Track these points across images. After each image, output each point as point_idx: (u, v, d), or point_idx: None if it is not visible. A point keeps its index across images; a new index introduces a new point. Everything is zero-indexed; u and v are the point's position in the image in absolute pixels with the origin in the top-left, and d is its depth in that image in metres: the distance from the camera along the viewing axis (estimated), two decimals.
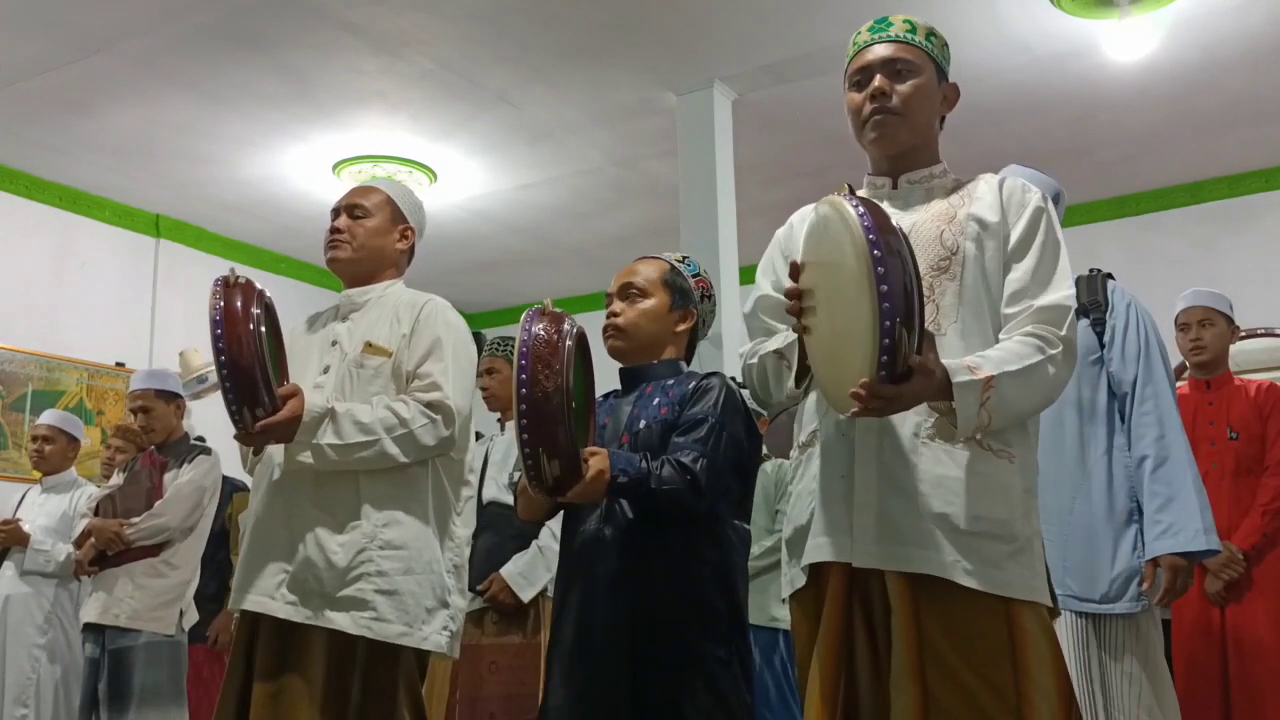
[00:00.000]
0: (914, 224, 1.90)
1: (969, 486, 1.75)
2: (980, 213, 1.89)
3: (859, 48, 1.99)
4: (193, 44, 4.86)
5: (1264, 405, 3.62)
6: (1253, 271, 6.01)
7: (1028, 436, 1.87)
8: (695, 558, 2.12)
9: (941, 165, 2.00)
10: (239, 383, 2.18)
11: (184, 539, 4.13)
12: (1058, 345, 1.78)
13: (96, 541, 4.04)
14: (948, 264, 1.86)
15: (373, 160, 5.96)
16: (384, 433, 2.34)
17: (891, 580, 1.75)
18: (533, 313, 1.98)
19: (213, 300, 2.20)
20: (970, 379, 1.68)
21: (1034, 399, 1.79)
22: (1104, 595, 2.58)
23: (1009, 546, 1.75)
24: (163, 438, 4.28)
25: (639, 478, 2.01)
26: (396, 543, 2.38)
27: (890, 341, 1.54)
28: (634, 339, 2.29)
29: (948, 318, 1.84)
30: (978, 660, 1.69)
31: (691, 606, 2.09)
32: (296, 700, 2.28)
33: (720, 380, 2.23)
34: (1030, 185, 1.95)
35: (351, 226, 2.59)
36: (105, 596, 4.01)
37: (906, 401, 1.63)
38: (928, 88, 1.95)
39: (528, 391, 1.88)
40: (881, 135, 1.95)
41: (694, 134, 5.34)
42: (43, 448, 4.84)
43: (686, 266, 2.39)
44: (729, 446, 2.14)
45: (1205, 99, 5.44)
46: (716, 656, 2.08)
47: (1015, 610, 1.72)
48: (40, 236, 6.30)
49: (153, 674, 3.97)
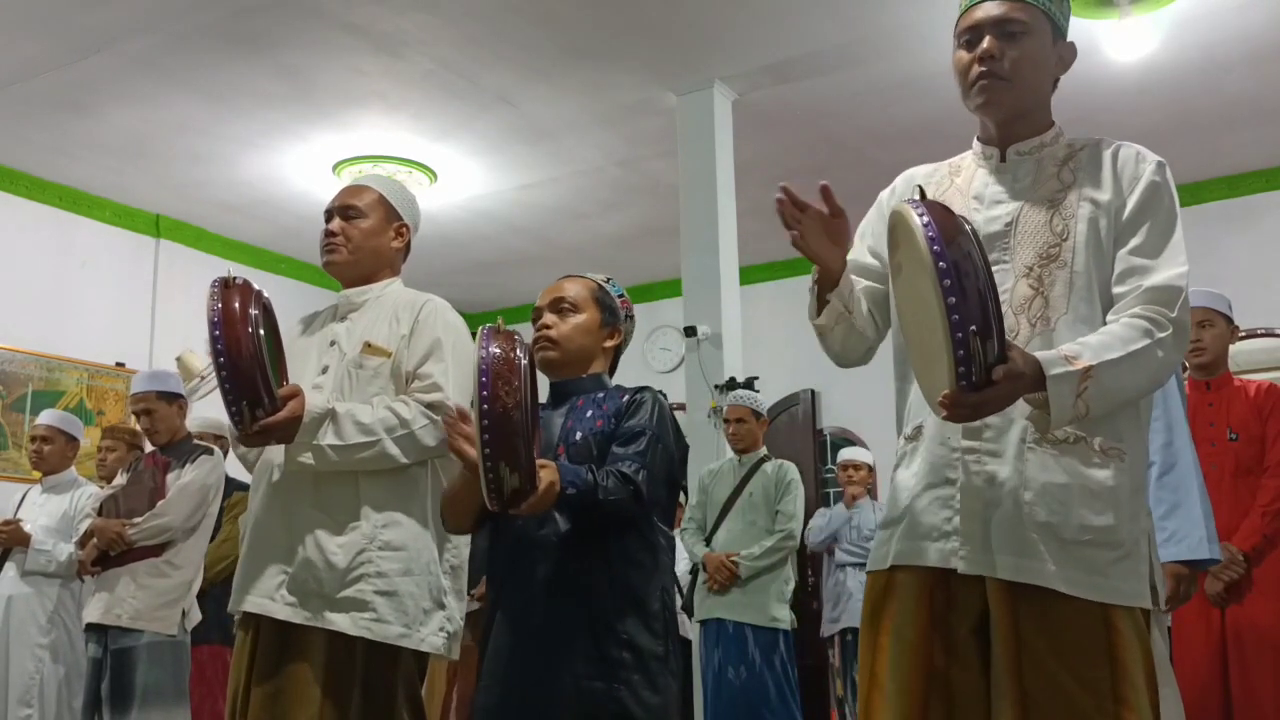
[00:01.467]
0: (1022, 208, 1.84)
1: (1076, 494, 1.71)
2: (1091, 190, 1.82)
3: (970, 3, 1.86)
4: (193, 44, 4.87)
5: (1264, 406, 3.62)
6: (1253, 271, 6.01)
7: (1140, 428, 1.81)
8: (630, 561, 2.19)
9: (1053, 130, 1.91)
10: (238, 383, 2.17)
11: (186, 539, 4.13)
12: (1167, 328, 1.70)
13: (99, 541, 4.04)
14: (1057, 251, 1.79)
15: (373, 160, 5.96)
16: (385, 433, 2.34)
17: (992, 586, 1.72)
18: (488, 330, 2.02)
19: (210, 301, 2.20)
20: (1066, 370, 1.61)
21: (1138, 384, 1.71)
22: None
23: (1114, 553, 1.71)
24: (166, 439, 4.29)
25: (587, 490, 2.07)
26: (396, 544, 2.37)
27: (965, 353, 1.51)
28: (566, 351, 2.34)
29: (1057, 310, 1.77)
30: (1076, 662, 1.67)
31: (631, 605, 2.16)
32: (295, 701, 2.28)
33: (652, 394, 2.30)
34: (1145, 152, 1.86)
35: (346, 228, 2.58)
36: (108, 596, 4.01)
37: (994, 405, 1.60)
38: (1041, 50, 1.85)
39: (489, 408, 1.91)
40: (988, 101, 1.84)
41: (694, 134, 5.34)
42: (41, 448, 4.84)
43: (612, 286, 2.47)
44: (663, 458, 2.22)
45: (1205, 99, 5.45)
46: (654, 653, 2.16)
47: (1112, 613, 1.70)
48: (40, 236, 6.30)
49: (155, 674, 3.97)
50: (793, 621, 4.75)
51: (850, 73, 5.02)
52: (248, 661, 2.37)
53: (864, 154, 5.74)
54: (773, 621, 4.64)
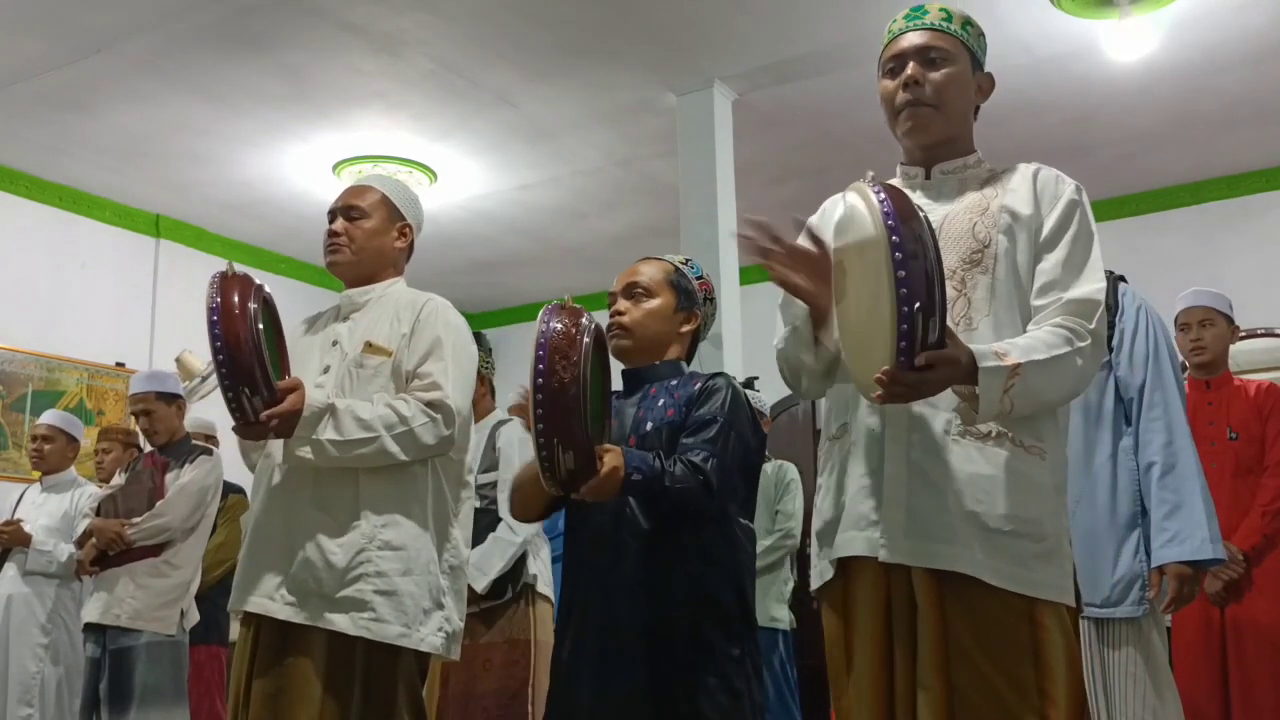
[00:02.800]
0: (946, 216, 1.89)
1: (1000, 484, 1.75)
2: (1013, 204, 1.87)
3: (893, 35, 1.98)
4: (193, 44, 4.86)
5: (1264, 405, 3.62)
6: (1253, 271, 6.00)
7: (1059, 432, 1.86)
8: (709, 558, 2.12)
9: (975, 155, 1.98)
10: (236, 374, 2.17)
11: (185, 539, 4.14)
12: (1086, 339, 1.76)
13: (98, 542, 4.05)
14: (980, 257, 1.85)
15: (373, 160, 5.95)
16: (384, 430, 2.33)
17: (918, 576, 1.75)
18: (552, 307, 1.98)
19: (210, 293, 2.20)
20: (997, 364, 1.66)
21: (1059, 390, 1.77)
22: (1105, 599, 2.57)
23: (1038, 546, 1.75)
24: (165, 439, 4.29)
25: (652, 476, 2.00)
26: (395, 543, 2.37)
27: (908, 327, 1.53)
28: (639, 338, 2.28)
29: (979, 311, 1.82)
30: (1002, 657, 1.70)
31: (706, 606, 2.10)
32: (296, 700, 2.28)
33: (726, 381, 2.22)
34: (1064, 176, 1.92)
35: (349, 229, 2.58)
36: (107, 596, 4.01)
37: (930, 388, 1.62)
38: (962, 77, 1.93)
39: (544, 381, 1.86)
40: (915, 126, 1.93)
41: (694, 134, 5.33)
42: (42, 447, 4.85)
43: (690, 268, 2.39)
44: (737, 446, 2.15)
45: (1205, 99, 5.44)
46: (730, 655, 2.10)
47: (1038, 609, 1.73)
48: (40, 236, 6.30)
49: (154, 674, 3.97)
50: (791, 622, 4.75)
51: (850, 73, 5.02)
52: (249, 661, 2.37)
53: (864, 154, 5.73)
54: (772, 622, 4.64)
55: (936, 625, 1.72)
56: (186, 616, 4.11)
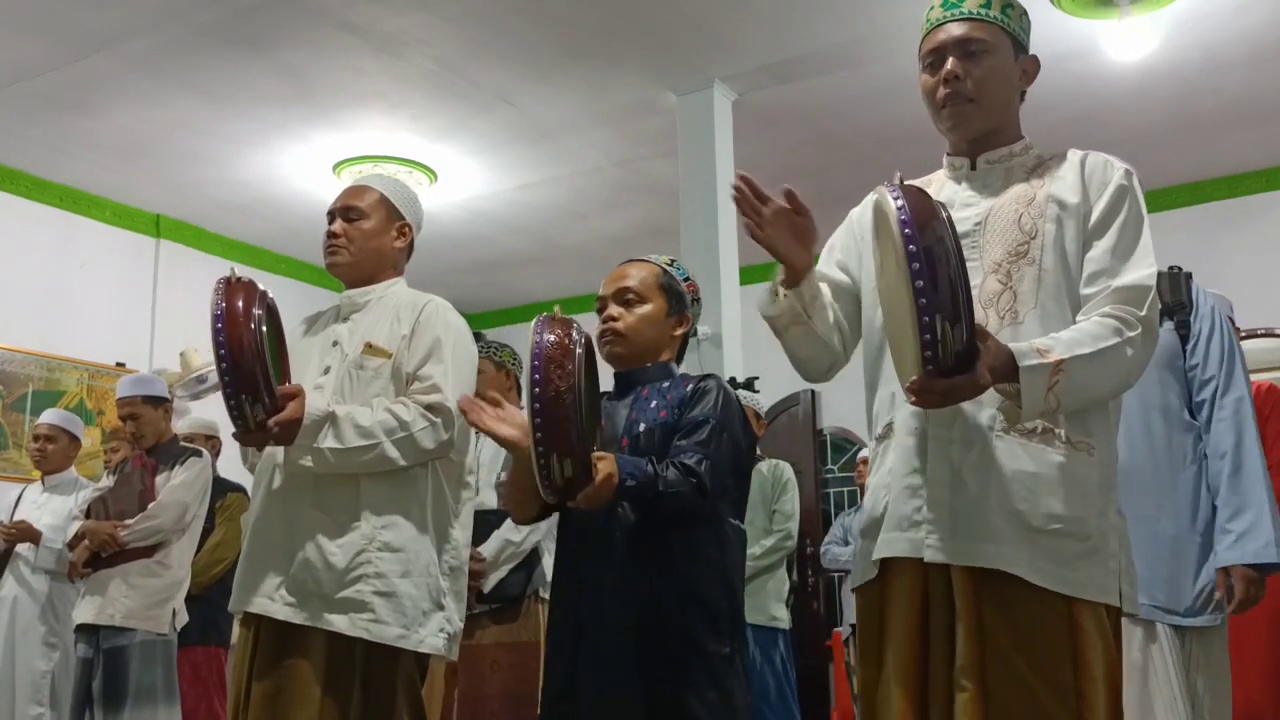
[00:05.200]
0: (992, 208, 1.86)
1: (1045, 483, 1.72)
2: (1060, 193, 1.84)
3: (931, 26, 1.90)
4: (193, 44, 4.86)
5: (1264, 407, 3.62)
6: (1253, 271, 6.00)
7: (1109, 426, 1.82)
8: (698, 558, 2.13)
9: (1023, 142, 1.94)
10: (239, 381, 2.17)
11: (177, 539, 4.15)
12: (1136, 327, 1.72)
13: (91, 543, 4.06)
14: (1026, 248, 1.81)
15: (373, 160, 5.96)
16: (384, 436, 2.34)
17: (957, 576, 1.73)
18: (544, 318, 1.98)
19: (214, 299, 2.20)
20: (1039, 363, 1.63)
21: (1109, 382, 1.73)
22: (1188, 609, 2.53)
23: (1082, 545, 1.72)
24: (153, 442, 4.30)
25: (646, 481, 2.01)
26: (395, 545, 2.37)
27: (931, 337, 1.52)
28: (633, 345, 2.27)
29: (1025, 304, 1.79)
30: (1040, 658, 1.68)
31: (696, 605, 2.10)
32: (296, 701, 2.28)
33: (717, 382, 2.23)
34: (1114, 160, 1.88)
35: (348, 230, 2.57)
36: (99, 598, 4.03)
37: (964, 393, 1.61)
38: (1004, 67, 1.88)
39: (541, 391, 1.87)
40: (957, 123, 1.89)
41: (694, 134, 5.33)
42: (45, 447, 4.85)
43: (677, 270, 2.38)
44: (729, 448, 2.15)
45: (1205, 99, 5.44)
46: (721, 654, 2.10)
47: (1076, 609, 1.70)
48: (40, 236, 6.30)
49: (148, 673, 3.99)
50: (789, 621, 4.75)
51: (850, 73, 5.02)
52: (249, 661, 2.37)
53: (864, 154, 5.74)
54: (772, 621, 4.64)
55: (974, 625, 1.69)
56: (177, 616, 4.13)
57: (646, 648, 2.07)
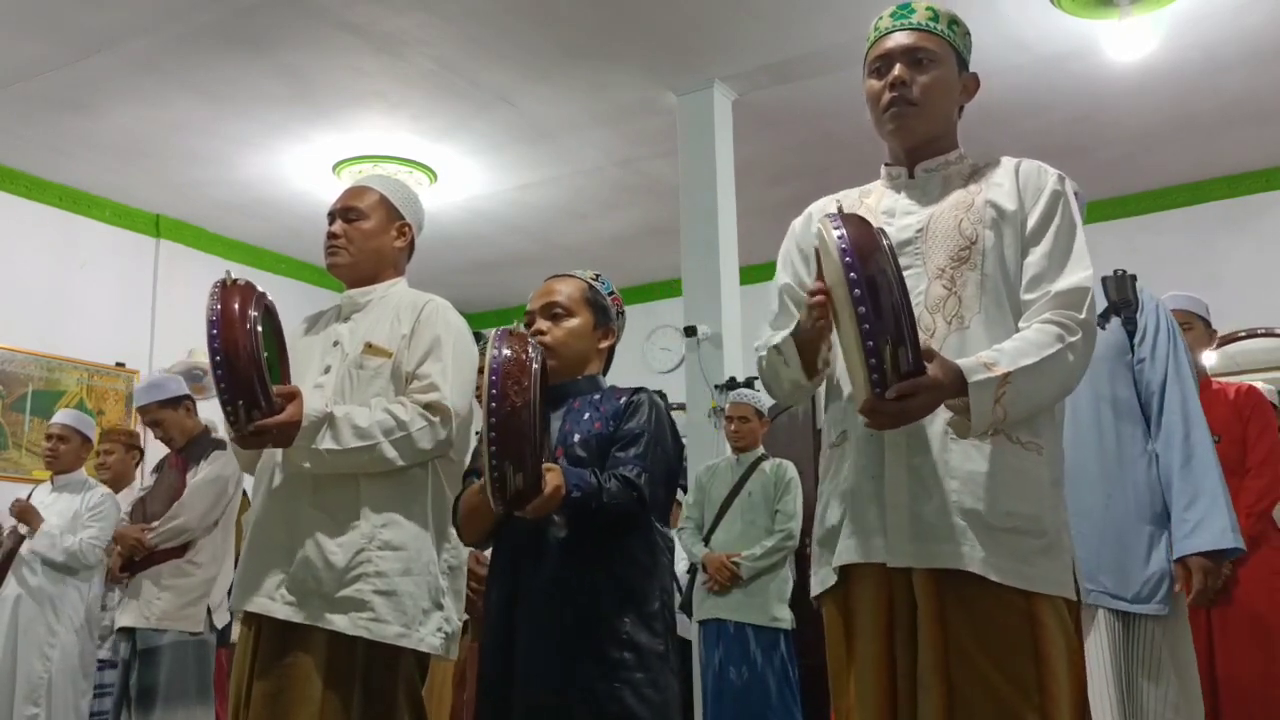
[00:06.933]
0: (932, 215, 1.91)
1: (999, 482, 1.76)
2: (997, 199, 1.88)
3: (880, 34, 1.97)
4: (193, 44, 4.87)
5: (1244, 408, 3.64)
6: (1252, 271, 6.01)
7: (1055, 427, 1.87)
8: (631, 561, 2.20)
9: (958, 151, 1.99)
10: (234, 384, 2.17)
11: (206, 535, 4.16)
12: (1077, 331, 1.77)
13: (121, 548, 4.12)
14: (968, 254, 1.85)
15: (373, 160, 5.96)
16: (382, 436, 2.34)
17: (918, 577, 1.76)
18: (502, 332, 2.05)
19: (210, 302, 2.20)
20: (986, 377, 1.68)
21: (1052, 389, 1.78)
22: (1136, 595, 2.55)
23: (1039, 541, 1.76)
24: (183, 441, 4.33)
25: (591, 492, 2.09)
26: (395, 544, 2.38)
27: (877, 361, 1.57)
28: (562, 357, 2.33)
29: (970, 309, 1.83)
30: (1002, 655, 1.70)
31: (632, 605, 2.17)
32: (296, 700, 2.28)
33: (649, 396, 2.31)
34: (1046, 167, 1.93)
35: (348, 230, 2.58)
36: (137, 601, 4.09)
37: (915, 413, 1.65)
38: (947, 78, 1.94)
39: (498, 405, 1.94)
40: (899, 126, 1.93)
41: (694, 134, 5.34)
42: (57, 447, 4.86)
43: (601, 284, 2.46)
44: (661, 460, 2.24)
45: (1205, 99, 5.45)
46: (655, 651, 2.17)
47: (1036, 605, 1.73)
48: (40, 236, 6.30)
49: (178, 672, 4.04)
50: (792, 621, 4.75)
51: (850, 73, 4.97)
52: (250, 661, 2.37)
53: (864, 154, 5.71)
54: (774, 621, 4.64)
55: (936, 625, 1.72)
56: (215, 614, 4.14)
57: (584, 646, 2.13)
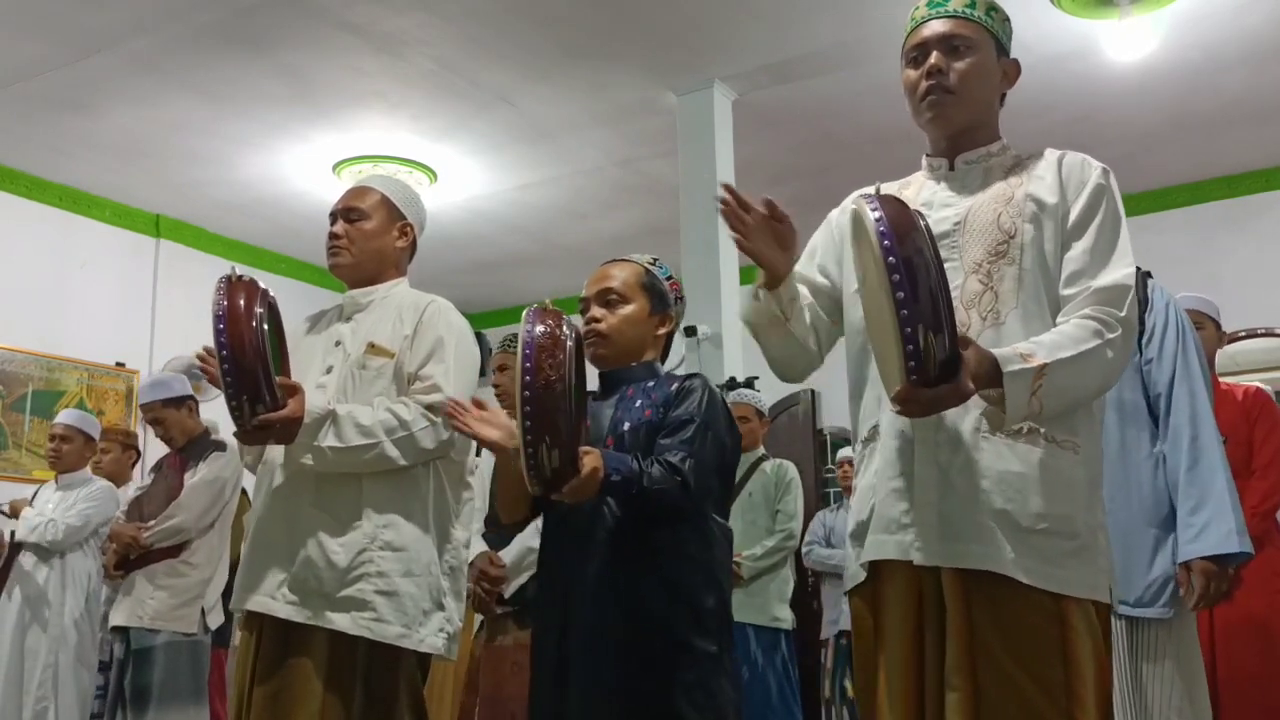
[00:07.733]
0: (970, 208, 1.87)
1: (1032, 482, 1.73)
2: (1038, 193, 1.84)
3: (916, 23, 1.93)
4: (193, 44, 4.87)
5: (1251, 409, 3.63)
6: (1253, 271, 6.01)
7: (1094, 425, 1.82)
8: (683, 556, 2.13)
9: (1000, 143, 1.95)
10: (239, 379, 2.18)
11: (202, 536, 4.16)
12: (1116, 328, 1.73)
13: (117, 546, 4.11)
14: (1005, 248, 1.82)
15: (373, 160, 5.96)
16: (384, 435, 2.34)
17: (946, 577, 1.73)
18: (535, 310, 1.98)
19: (216, 297, 2.20)
20: (1022, 367, 1.64)
21: (1090, 384, 1.74)
22: (1139, 599, 2.53)
23: (1071, 543, 1.73)
24: (183, 441, 4.33)
25: (631, 476, 2.01)
26: (397, 544, 2.37)
27: (914, 348, 1.52)
28: (617, 346, 2.27)
29: (1007, 304, 1.79)
30: (1029, 657, 1.68)
31: (682, 604, 2.10)
32: (297, 700, 2.28)
33: (702, 381, 2.23)
34: (1091, 160, 1.89)
35: (349, 231, 2.58)
36: (129, 599, 4.08)
37: (949, 401, 1.61)
38: (986, 65, 1.90)
39: (532, 379, 1.87)
40: (937, 115, 1.90)
41: (694, 134, 5.34)
42: (60, 447, 4.85)
43: (659, 269, 2.38)
44: (713, 447, 2.15)
45: (1205, 99, 5.45)
46: (708, 652, 2.09)
47: (1065, 607, 1.70)
48: (40, 236, 6.30)
49: (172, 672, 4.03)
50: (792, 621, 4.75)
51: (850, 73, 5.02)
52: (251, 660, 2.37)
53: (864, 154, 5.74)
54: (774, 621, 4.64)
55: (963, 626, 1.70)
56: (209, 615, 4.14)
57: (633, 647, 2.06)
